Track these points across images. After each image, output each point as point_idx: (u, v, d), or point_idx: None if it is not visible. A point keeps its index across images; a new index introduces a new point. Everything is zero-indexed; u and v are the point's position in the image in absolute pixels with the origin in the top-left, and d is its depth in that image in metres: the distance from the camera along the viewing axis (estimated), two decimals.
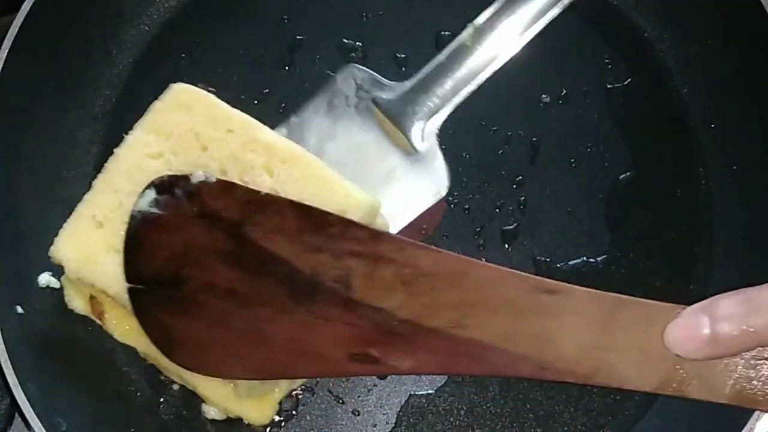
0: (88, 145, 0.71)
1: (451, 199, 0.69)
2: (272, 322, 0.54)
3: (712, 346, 0.44)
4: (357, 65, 0.69)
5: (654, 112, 0.72)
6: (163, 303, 0.57)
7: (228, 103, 0.69)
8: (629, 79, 0.72)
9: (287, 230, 0.54)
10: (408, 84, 0.67)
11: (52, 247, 0.60)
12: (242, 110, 0.70)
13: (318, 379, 0.65)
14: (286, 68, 0.73)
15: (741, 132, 0.69)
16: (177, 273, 0.56)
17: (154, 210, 0.57)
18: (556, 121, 0.71)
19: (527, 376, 0.50)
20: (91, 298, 0.63)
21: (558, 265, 0.68)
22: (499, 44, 0.66)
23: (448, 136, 0.69)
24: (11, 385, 0.58)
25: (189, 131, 0.60)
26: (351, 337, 0.53)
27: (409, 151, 0.67)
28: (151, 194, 0.57)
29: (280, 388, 0.63)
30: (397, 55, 0.72)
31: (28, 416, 0.57)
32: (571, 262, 0.68)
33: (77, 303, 0.64)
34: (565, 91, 0.72)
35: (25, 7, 0.64)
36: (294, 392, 0.65)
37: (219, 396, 0.62)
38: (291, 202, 0.55)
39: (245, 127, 0.61)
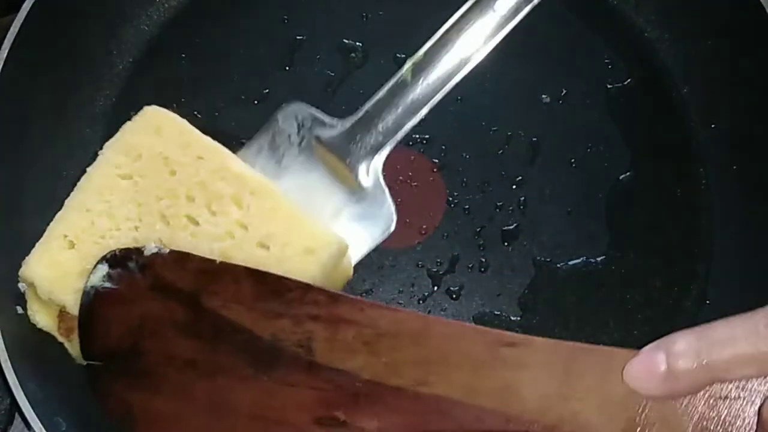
0: (88, 145, 0.70)
1: (451, 199, 0.69)
2: (234, 391, 0.54)
3: (670, 382, 0.45)
4: (298, 102, 0.69)
5: (654, 112, 0.72)
6: (122, 378, 0.56)
7: (228, 103, 0.70)
8: (629, 79, 0.72)
9: (244, 298, 0.54)
10: (350, 121, 0.67)
11: (23, 266, 0.60)
12: (242, 110, 0.70)
13: None
14: (286, 68, 0.73)
15: (741, 132, 0.69)
16: (134, 346, 0.55)
17: (108, 284, 0.56)
18: (556, 121, 0.71)
19: (494, 429, 0.50)
20: (59, 314, 0.61)
21: (558, 265, 0.68)
22: (438, 78, 0.66)
23: (448, 136, 0.69)
24: (11, 385, 0.57)
25: (158, 154, 0.60)
26: (316, 401, 0.52)
27: (355, 188, 0.67)
28: (104, 269, 0.56)
29: None
30: (397, 55, 0.72)
31: (28, 416, 0.57)
32: (571, 262, 0.68)
33: (41, 318, 0.61)
34: (565, 91, 0.72)
35: (25, 7, 0.64)
36: None
37: None
38: (246, 269, 0.54)
39: (216, 155, 0.60)
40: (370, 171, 0.67)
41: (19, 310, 0.62)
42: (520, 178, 0.70)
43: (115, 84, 0.72)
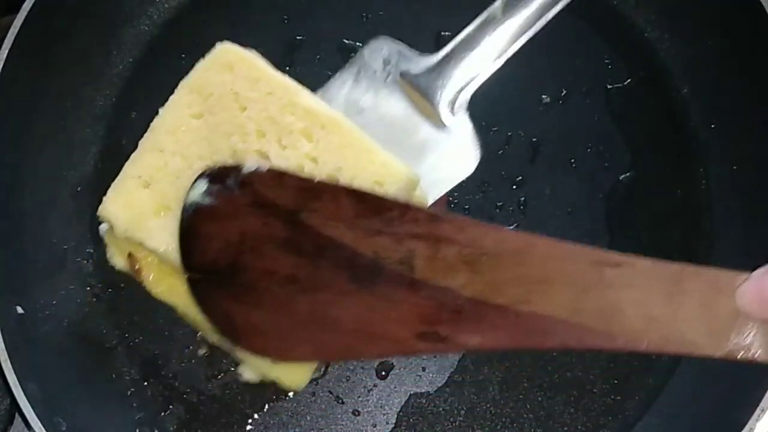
0: (88, 145, 0.71)
1: (451, 199, 0.69)
2: (336, 306, 0.54)
3: None
4: (385, 37, 0.69)
5: (654, 112, 0.72)
6: (224, 291, 0.57)
7: None
8: (629, 79, 0.72)
9: (345, 216, 0.54)
10: (437, 56, 0.66)
11: (100, 206, 0.61)
12: None
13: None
14: (286, 68, 0.73)
15: (741, 132, 0.69)
16: (235, 261, 0.56)
17: (207, 200, 0.57)
18: (556, 121, 0.71)
19: (596, 347, 0.50)
20: (129, 255, 0.63)
21: None
22: (529, 16, 0.65)
23: None
24: (11, 385, 0.58)
25: (229, 91, 0.61)
26: (417, 317, 0.52)
27: (439, 125, 0.66)
28: (203, 185, 0.57)
29: None
30: None
31: (28, 416, 0.57)
32: None
33: (118, 260, 0.64)
34: (565, 91, 0.72)
35: (25, 7, 0.64)
36: (293, 391, 0.65)
37: (256, 359, 0.61)
38: (346, 188, 0.55)
39: (286, 90, 0.61)
40: (456, 109, 0.66)
41: (19, 310, 0.62)
42: (520, 178, 0.70)
43: (115, 84, 0.72)
